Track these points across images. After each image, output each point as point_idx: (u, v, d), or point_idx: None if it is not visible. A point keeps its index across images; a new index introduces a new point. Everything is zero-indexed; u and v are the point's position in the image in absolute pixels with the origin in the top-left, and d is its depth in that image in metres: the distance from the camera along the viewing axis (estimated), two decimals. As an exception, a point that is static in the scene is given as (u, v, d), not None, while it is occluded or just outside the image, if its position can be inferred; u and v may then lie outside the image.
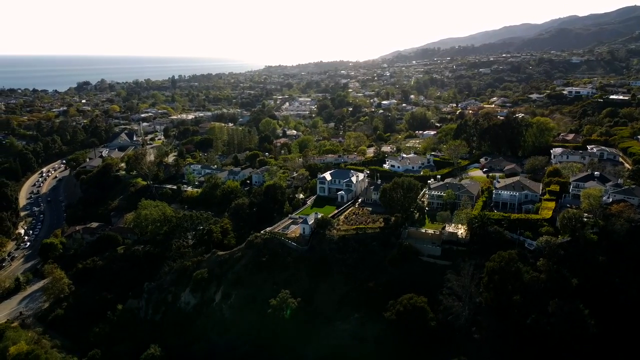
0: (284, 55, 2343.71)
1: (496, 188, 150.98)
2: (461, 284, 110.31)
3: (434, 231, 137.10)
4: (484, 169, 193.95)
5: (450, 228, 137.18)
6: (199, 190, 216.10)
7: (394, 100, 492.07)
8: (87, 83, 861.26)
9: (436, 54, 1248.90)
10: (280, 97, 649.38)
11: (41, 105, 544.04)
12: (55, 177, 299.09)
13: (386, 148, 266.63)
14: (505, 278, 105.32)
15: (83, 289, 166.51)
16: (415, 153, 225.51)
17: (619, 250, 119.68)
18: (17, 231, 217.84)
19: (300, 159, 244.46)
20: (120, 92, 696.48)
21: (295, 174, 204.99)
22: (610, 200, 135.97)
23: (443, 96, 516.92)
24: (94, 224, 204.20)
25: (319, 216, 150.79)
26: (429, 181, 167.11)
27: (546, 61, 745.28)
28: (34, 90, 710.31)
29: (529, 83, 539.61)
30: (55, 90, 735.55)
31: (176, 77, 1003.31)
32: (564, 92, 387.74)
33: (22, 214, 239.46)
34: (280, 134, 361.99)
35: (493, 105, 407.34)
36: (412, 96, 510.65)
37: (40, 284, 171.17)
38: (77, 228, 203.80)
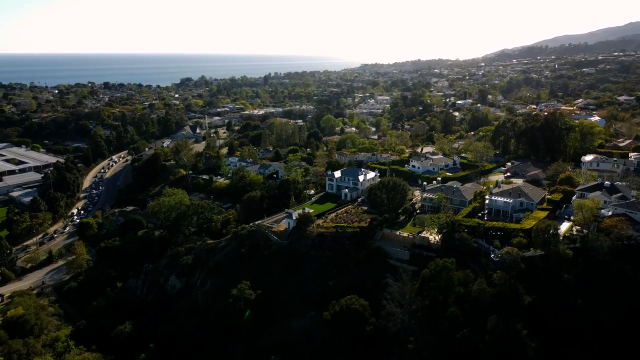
0: (383, 54, 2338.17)
1: (491, 194, 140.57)
2: (399, 289, 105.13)
3: (408, 234, 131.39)
4: (507, 174, 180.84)
5: (426, 232, 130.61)
6: (227, 181, 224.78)
7: (470, 100, 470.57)
8: (189, 79, 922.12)
9: (542, 53, 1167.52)
10: (361, 95, 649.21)
11: (138, 99, 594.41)
12: (125, 163, 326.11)
13: (428, 148, 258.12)
14: (437, 287, 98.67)
15: (101, 265, 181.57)
16: (444, 154, 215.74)
17: (596, 270, 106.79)
18: (71, 211, 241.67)
19: (336, 155, 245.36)
20: (212, 88, 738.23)
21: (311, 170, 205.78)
22: (610, 213, 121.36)
23: (525, 97, 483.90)
24: (129, 208, 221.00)
25: (307, 212, 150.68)
26: (424, 183, 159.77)
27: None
28: (139, 85, 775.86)
29: (624, 84, 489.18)
30: (158, 85, 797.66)
31: (272, 75, 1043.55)
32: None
33: (81, 195, 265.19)
34: (339, 131, 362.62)
35: (574, 108, 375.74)
36: (489, 96, 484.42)
37: (69, 258, 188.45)
38: (114, 210, 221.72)
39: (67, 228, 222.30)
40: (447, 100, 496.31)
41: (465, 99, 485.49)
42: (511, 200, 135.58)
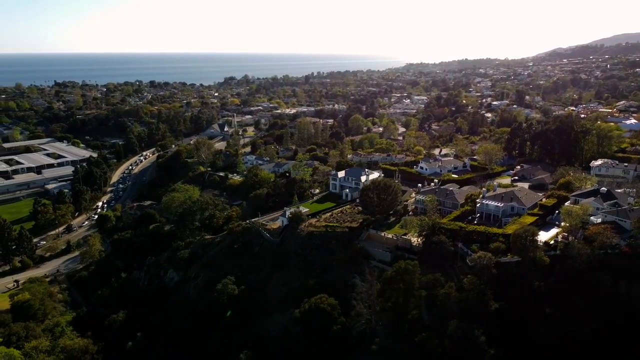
0: (429, 53, 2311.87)
1: (483, 197, 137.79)
2: (366, 290, 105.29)
3: (392, 236, 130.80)
4: (514, 177, 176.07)
5: (410, 234, 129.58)
6: (241, 179, 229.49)
7: (506, 101, 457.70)
8: (232, 78, 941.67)
9: (596, 52, 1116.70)
10: (398, 94, 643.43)
11: (179, 97, 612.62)
12: (153, 159, 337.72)
13: (448, 150, 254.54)
14: (398, 289, 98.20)
15: (112, 257, 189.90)
16: (456, 156, 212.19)
17: (573, 279, 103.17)
18: (96, 204, 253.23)
19: (350, 155, 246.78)
20: (252, 87, 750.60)
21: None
22: (599, 220, 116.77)
23: (564, 98, 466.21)
24: (147, 202, 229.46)
25: (299, 210, 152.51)
26: (419, 185, 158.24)
27: None
28: (183, 84, 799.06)
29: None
30: (201, 84, 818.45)
31: (315, 74, 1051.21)
32: None
33: (108, 189, 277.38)
34: (365, 131, 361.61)
35: (613, 110, 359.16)
36: (527, 97, 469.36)
37: (85, 249, 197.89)
38: (133, 204, 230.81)
39: (87, 221, 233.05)
40: (483, 101, 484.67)
41: (502, 100, 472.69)
42: (502, 205, 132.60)
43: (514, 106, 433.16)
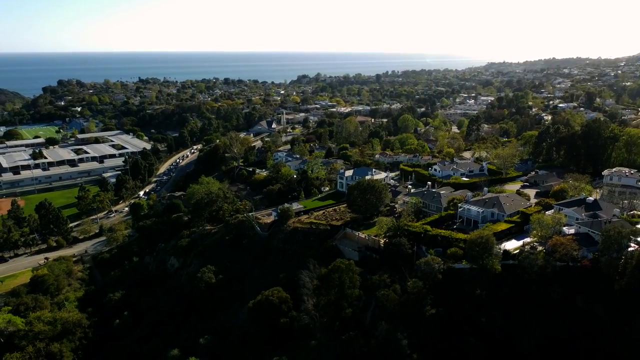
0: (515, 51, 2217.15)
1: (467, 202, 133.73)
2: (312, 286, 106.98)
3: (365, 236, 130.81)
4: (525, 183, 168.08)
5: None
6: (266, 174, 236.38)
7: (573, 104, 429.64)
8: (304, 76, 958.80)
9: None
10: (465, 94, 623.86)
11: (246, 94, 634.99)
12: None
13: (481, 153, 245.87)
14: (331, 286, 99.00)
15: (134, 242, 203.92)
16: (476, 159, 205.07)
17: (522, 290, 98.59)
18: (138, 193, 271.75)
19: (377, 155, 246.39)
20: (319, 85, 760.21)
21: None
22: (572, 231, 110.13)
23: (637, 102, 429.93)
24: (178, 193, 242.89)
25: (287, 206, 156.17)
26: (409, 185, 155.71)
27: None
28: (255, 81, 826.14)
29: None
30: (272, 81, 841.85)
31: (389, 72, 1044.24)
32: None
33: (154, 179, 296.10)
34: (412, 131, 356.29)
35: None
36: (597, 99, 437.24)
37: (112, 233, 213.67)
38: (167, 194, 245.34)
39: (126, 208, 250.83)
40: (549, 103, 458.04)
41: (571, 102, 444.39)
42: (482, 210, 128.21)
43: (581, 109, 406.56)
